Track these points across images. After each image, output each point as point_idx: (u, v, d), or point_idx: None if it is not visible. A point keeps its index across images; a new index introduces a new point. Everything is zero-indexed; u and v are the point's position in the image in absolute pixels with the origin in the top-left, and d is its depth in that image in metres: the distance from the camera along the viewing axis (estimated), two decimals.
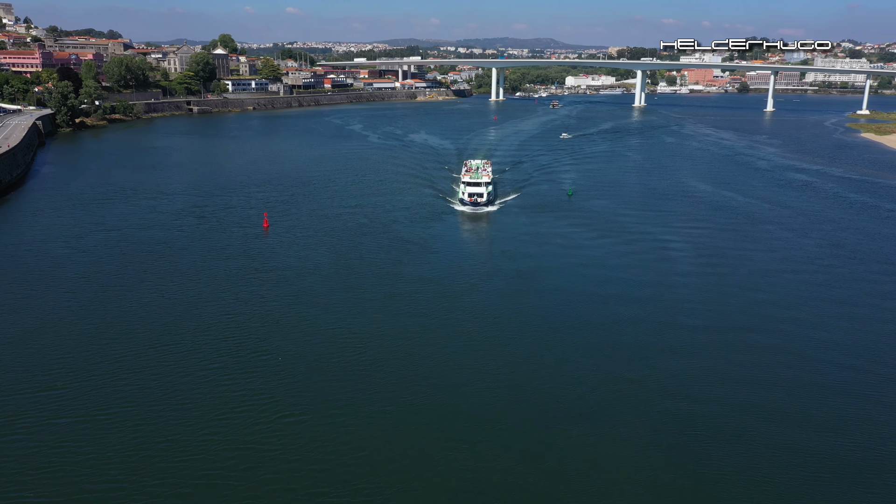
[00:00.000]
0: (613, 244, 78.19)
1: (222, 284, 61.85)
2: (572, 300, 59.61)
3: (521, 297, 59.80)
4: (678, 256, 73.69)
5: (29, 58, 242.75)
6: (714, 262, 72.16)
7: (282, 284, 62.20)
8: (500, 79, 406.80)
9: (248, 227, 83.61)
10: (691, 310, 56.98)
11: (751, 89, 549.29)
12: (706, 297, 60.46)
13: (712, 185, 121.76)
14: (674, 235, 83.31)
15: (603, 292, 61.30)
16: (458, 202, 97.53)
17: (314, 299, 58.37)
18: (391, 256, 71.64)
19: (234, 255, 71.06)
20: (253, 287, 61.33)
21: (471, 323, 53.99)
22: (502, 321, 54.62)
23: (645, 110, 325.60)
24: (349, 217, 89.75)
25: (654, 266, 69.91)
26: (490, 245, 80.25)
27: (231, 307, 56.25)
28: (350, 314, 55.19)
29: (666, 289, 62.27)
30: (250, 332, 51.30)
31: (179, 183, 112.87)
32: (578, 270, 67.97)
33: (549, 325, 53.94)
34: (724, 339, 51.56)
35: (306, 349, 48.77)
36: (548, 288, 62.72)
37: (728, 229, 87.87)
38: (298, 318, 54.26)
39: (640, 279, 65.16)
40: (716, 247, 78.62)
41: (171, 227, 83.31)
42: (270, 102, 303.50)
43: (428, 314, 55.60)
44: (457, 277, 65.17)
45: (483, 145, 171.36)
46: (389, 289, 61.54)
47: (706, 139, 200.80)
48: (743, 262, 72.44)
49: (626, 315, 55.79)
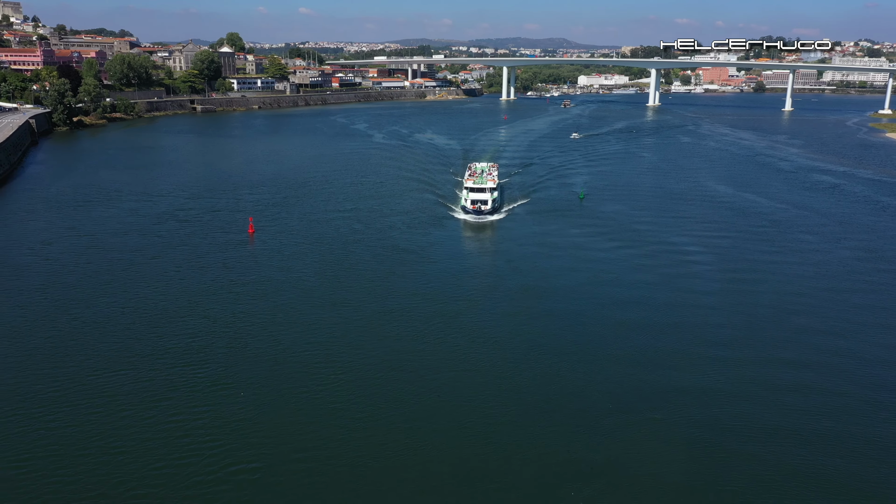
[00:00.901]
0: (629, 255, 71.04)
1: (191, 299, 55.36)
2: (583, 324, 52.44)
3: (525, 319, 52.86)
4: (701, 269, 66.43)
5: (30, 56, 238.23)
6: (741, 275, 64.87)
7: (258, 300, 55.62)
8: (511, 78, 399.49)
9: (232, 233, 77.22)
10: (719, 338, 49.41)
11: (767, 89, 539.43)
12: (735, 319, 53.11)
13: (733, 187, 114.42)
14: (694, 244, 76.13)
15: (619, 317, 53.56)
16: (459, 210, 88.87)
17: (292, 318, 51.71)
18: (384, 267, 64.95)
19: (212, 265, 64.57)
20: (225, 303, 54.79)
21: (468, 350, 47.11)
22: (504, 347, 47.69)
23: (659, 109, 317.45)
24: (343, 222, 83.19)
25: (674, 281, 62.66)
26: (493, 255, 73.39)
27: (196, 327, 49.71)
28: (330, 337, 48.48)
29: (689, 310, 54.82)
30: (213, 359, 44.71)
31: (168, 184, 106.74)
32: (591, 288, 60.37)
33: (557, 353, 46.98)
34: (759, 376, 44.19)
35: (274, 381, 42.12)
36: (556, 310, 55.05)
37: (753, 236, 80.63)
38: (270, 342, 47.59)
39: (661, 299, 57.77)
40: (741, 257, 71.40)
41: (148, 232, 77.04)
42: (276, 101, 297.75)
43: (419, 337, 48.79)
44: (455, 293, 58.33)
45: (491, 146, 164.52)
46: (379, 305, 54.84)
47: (724, 139, 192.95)
48: (773, 275, 65.12)
49: (645, 345, 48.48)
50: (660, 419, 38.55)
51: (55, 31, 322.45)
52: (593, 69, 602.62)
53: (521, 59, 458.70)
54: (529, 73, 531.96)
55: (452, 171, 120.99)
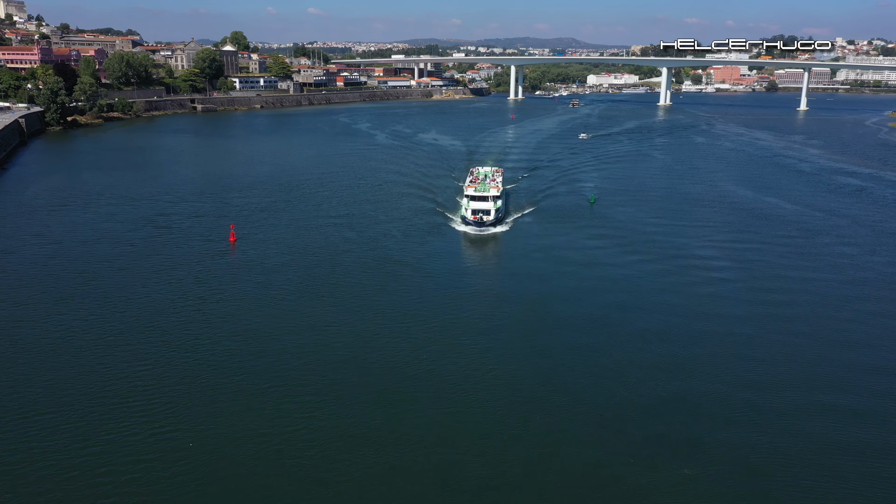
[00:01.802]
0: (645, 265, 64.26)
1: (152, 320, 49.05)
2: (596, 356, 45.69)
3: (530, 347, 46.27)
4: (727, 288, 59.38)
5: (27, 54, 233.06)
6: (772, 294, 57.83)
7: (227, 322, 49.27)
8: (519, 77, 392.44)
9: (212, 241, 71.00)
10: (754, 377, 42.27)
11: (779, 88, 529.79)
12: (771, 353, 46.04)
13: (752, 189, 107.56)
14: (717, 255, 69.28)
15: (638, 353, 46.07)
16: (459, 220, 79.30)
17: (262, 346, 45.26)
18: (374, 282, 58.48)
19: (183, 279, 58.29)
20: (189, 325, 48.47)
21: (463, 386, 40.56)
22: (504, 382, 41.14)
23: (671, 109, 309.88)
24: (334, 229, 76.83)
25: (696, 297, 55.91)
26: (496, 266, 66.71)
27: (151, 355, 43.37)
28: (304, 371, 41.93)
29: (718, 341, 47.47)
30: (161, 397, 38.34)
31: (153, 186, 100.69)
32: (605, 314, 52.37)
33: (565, 394, 40.44)
34: (807, 429, 37.32)
35: (232, 426, 35.77)
36: (566, 343, 48.14)
37: (781, 246, 73.71)
38: (233, 376, 41.15)
39: (682, 321, 50.90)
40: (771, 272, 64.38)
41: (121, 240, 70.89)
42: (279, 100, 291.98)
43: (406, 370, 42.24)
44: (451, 313, 51.78)
45: (497, 146, 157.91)
46: (365, 328, 48.38)
47: (739, 139, 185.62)
48: (808, 294, 58.15)
49: (670, 388, 41.65)
50: (691, 475, 32.05)
51: (57, 30, 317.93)
52: (602, 68, 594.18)
53: (529, 57, 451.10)
54: (538, 72, 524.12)
55: (454, 175, 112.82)
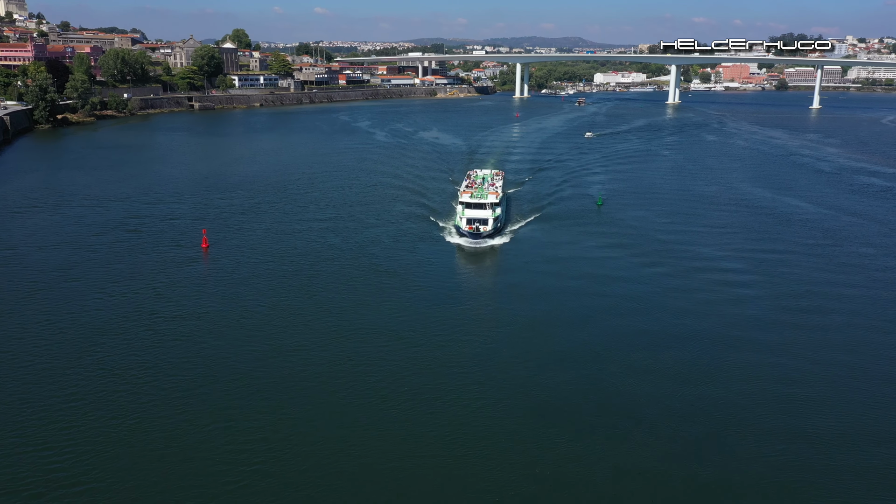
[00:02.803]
0: (659, 280, 57.27)
1: (91, 343, 42.74)
2: (604, 387, 39.52)
3: (529, 374, 39.97)
4: (749, 297, 53.01)
5: (21, 51, 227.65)
6: (799, 301, 51.62)
7: (183, 342, 43.07)
8: (524, 75, 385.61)
9: (183, 247, 64.92)
10: (792, 409, 36.08)
11: (790, 87, 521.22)
12: (808, 377, 39.75)
13: (771, 190, 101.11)
14: (737, 261, 62.91)
15: (651, 381, 40.75)
16: (453, 230, 70.46)
17: (220, 375, 38.95)
18: (356, 296, 52.17)
19: (140, 292, 52.13)
20: (138, 346, 42.29)
21: (450, 426, 34.35)
22: (498, 425, 34.88)
23: (680, 107, 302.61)
24: (318, 234, 70.63)
25: (718, 315, 49.16)
26: (493, 284, 59.41)
27: (84, 383, 37.22)
28: (268, 408, 35.58)
29: (744, 368, 40.67)
30: (91, 438, 32.26)
31: (132, 186, 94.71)
32: (614, 339, 45.79)
33: (570, 443, 34.15)
34: (862, 485, 31.22)
35: (166, 474, 29.62)
36: (569, 378, 42.50)
37: (804, 251, 67.36)
38: (176, 413, 35.00)
39: (703, 345, 44.10)
40: (796, 278, 58.05)
41: (83, 245, 64.91)
42: (279, 99, 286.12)
43: (385, 406, 36.00)
44: (440, 334, 45.37)
45: (500, 146, 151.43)
46: (340, 352, 42.01)
47: (753, 137, 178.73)
48: (841, 303, 51.85)
49: (692, 429, 35.61)
50: None
51: (54, 28, 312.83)
52: (610, 67, 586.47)
53: (535, 55, 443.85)
54: (544, 70, 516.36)
55: (452, 178, 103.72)
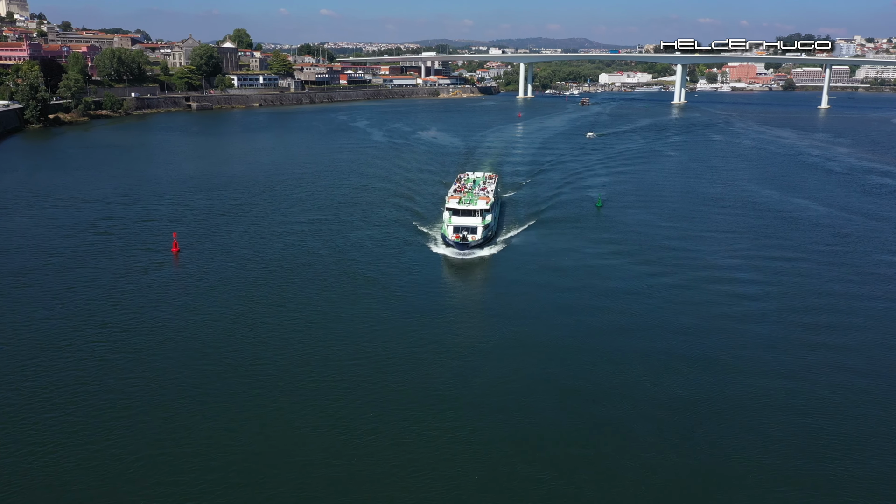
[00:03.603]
0: (660, 289, 52.91)
1: (29, 359, 38.82)
2: (595, 419, 35.32)
3: (510, 402, 35.83)
4: (760, 311, 48.49)
5: (16, 50, 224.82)
6: (815, 317, 47.17)
7: (127, 360, 39.00)
8: (528, 75, 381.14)
9: (153, 251, 61.00)
10: (803, 430, 32.06)
11: (797, 87, 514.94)
12: (817, 394, 35.58)
13: (778, 190, 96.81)
14: (744, 268, 58.49)
15: (649, 412, 36.59)
16: (440, 240, 63.95)
17: (165, 394, 34.98)
18: (331, 308, 47.95)
19: (94, 300, 48.17)
20: (78, 366, 38.26)
21: (415, 462, 30.20)
22: (474, 457, 30.69)
23: (685, 107, 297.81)
24: (297, 237, 66.59)
25: (724, 333, 44.50)
26: (480, 291, 55.35)
27: (5, 406, 33.25)
28: (214, 432, 31.67)
29: (753, 396, 36.68)
30: (8, 468, 28.27)
31: (111, 187, 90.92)
32: (609, 360, 42.10)
33: (551, 466, 29.96)
34: None
35: None
36: (554, 401, 38.24)
37: (814, 252, 63.20)
38: (116, 436, 30.96)
39: (707, 369, 39.52)
40: (806, 283, 53.92)
41: (48, 248, 61.08)
42: (278, 98, 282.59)
43: (345, 436, 31.88)
44: (418, 354, 41.16)
45: (498, 146, 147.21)
46: (305, 377, 37.57)
47: (760, 137, 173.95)
48: (858, 317, 47.50)
49: (688, 467, 31.41)
50: None
51: (53, 28, 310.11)
52: (615, 67, 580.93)
53: (538, 55, 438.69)
54: (549, 70, 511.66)
55: (445, 182, 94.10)
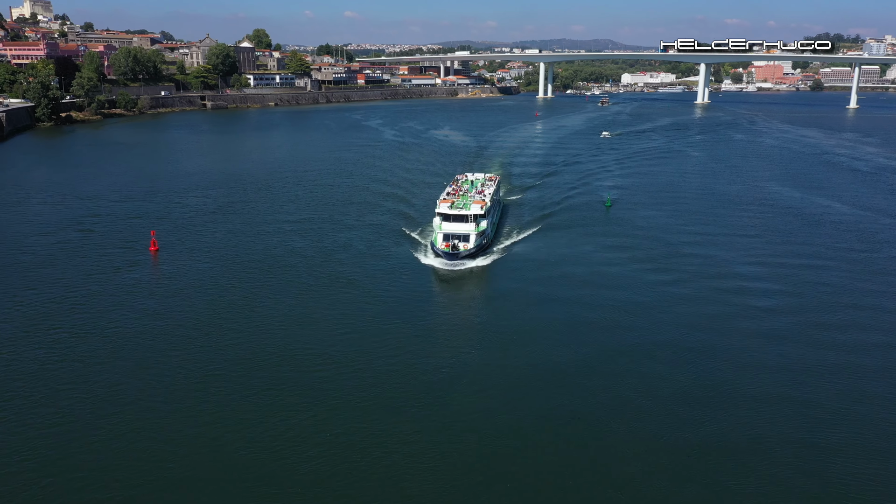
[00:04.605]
0: (671, 300, 48.00)
1: None
2: (600, 455, 31.44)
3: (501, 437, 32.13)
4: (771, 314, 44.16)
5: (33, 49, 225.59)
6: (834, 325, 42.76)
7: (73, 369, 35.90)
8: (548, 75, 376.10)
9: (132, 250, 58.23)
10: (825, 472, 27.83)
11: (825, 87, 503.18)
12: (844, 421, 31.32)
13: (800, 189, 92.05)
14: (765, 277, 52.95)
15: (663, 441, 32.50)
16: (429, 249, 58.01)
17: (106, 408, 31.76)
18: (307, 313, 44.48)
19: (55, 301, 45.27)
20: (15, 372, 35.25)
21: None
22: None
23: (709, 107, 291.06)
24: (284, 236, 63.37)
25: (746, 350, 39.65)
26: (469, 305, 51.49)
27: None
28: (159, 455, 28.36)
29: (765, 405, 32.88)
30: None
31: (106, 183, 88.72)
32: (616, 381, 38.11)
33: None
34: None
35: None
36: (550, 436, 34.37)
37: (839, 258, 58.41)
38: (53, 453, 27.77)
39: (729, 402, 35.44)
40: (829, 293, 49.20)
41: (22, 246, 58.58)
42: (295, 98, 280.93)
43: (315, 458, 28.40)
44: (398, 374, 37.46)
45: (510, 145, 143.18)
46: (267, 399, 33.99)
47: (784, 136, 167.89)
48: (884, 327, 42.87)
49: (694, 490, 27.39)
50: None
51: (74, 28, 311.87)
52: (638, 67, 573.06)
53: (559, 54, 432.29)
54: (570, 70, 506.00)
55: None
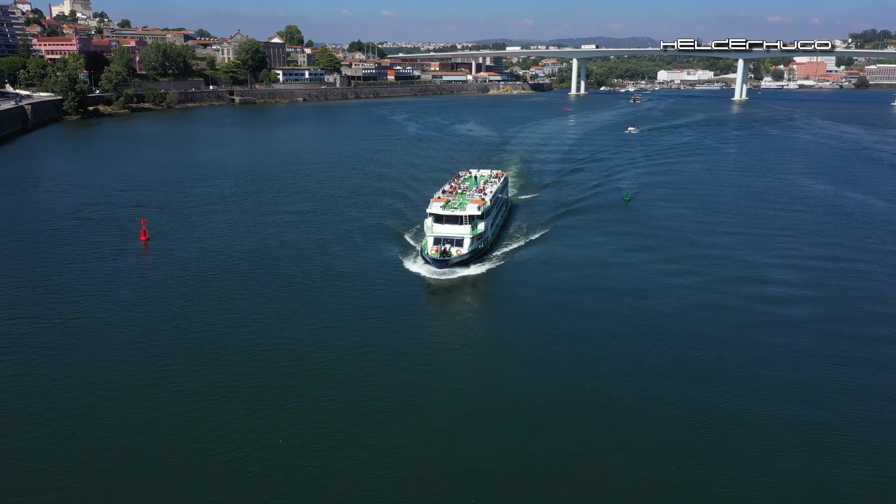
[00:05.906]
0: (694, 308, 43.44)
1: None
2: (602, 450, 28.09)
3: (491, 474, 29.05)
4: (802, 327, 39.54)
5: (66, 44, 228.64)
6: (873, 339, 37.91)
7: (13, 377, 33.90)
8: (581, 72, 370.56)
9: (123, 239, 56.59)
10: None
11: (870, 84, 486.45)
12: (880, 452, 27.41)
13: (834, 184, 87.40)
14: (799, 284, 47.10)
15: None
16: (420, 255, 51.66)
17: (68, 405, 29.55)
18: (287, 307, 42.01)
19: (28, 289, 43.47)
20: None
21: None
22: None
23: (746, 104, 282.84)
24: (280, 227, 61.03)
25: (777, 374, 35.03)
26: (459, 339, 48.69)
27: None
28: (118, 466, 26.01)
29: (789, 432, 29.08)
30: None
31: (114, 173, 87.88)
32: (634, 414, 34.76)
33: None
34: None
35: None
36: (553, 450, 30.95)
37: (880, 263, 52.82)
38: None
39: (763, 443, 31.75)
40: (868, 302, 43.99)
41: (13, 233, 57.41)
42: (323, 93, 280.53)
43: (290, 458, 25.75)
44: (384, 398, 34.56)
45: (533, 139, 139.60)
46: (224, 395, 31.73)
47: (823, 132, 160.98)
48: None
49: None
50: None
51: (108, 25, 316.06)
52: (675, 64, 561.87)
53: (592, 50, 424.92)
54: (605, 68, 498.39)
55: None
